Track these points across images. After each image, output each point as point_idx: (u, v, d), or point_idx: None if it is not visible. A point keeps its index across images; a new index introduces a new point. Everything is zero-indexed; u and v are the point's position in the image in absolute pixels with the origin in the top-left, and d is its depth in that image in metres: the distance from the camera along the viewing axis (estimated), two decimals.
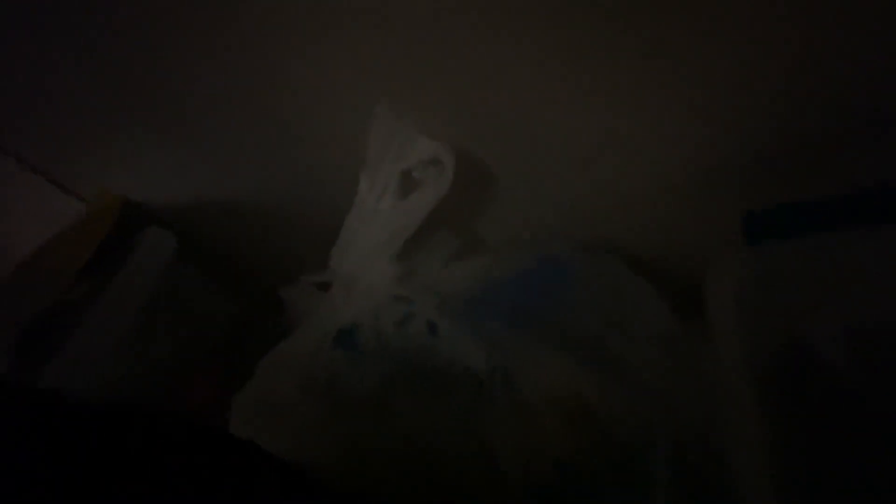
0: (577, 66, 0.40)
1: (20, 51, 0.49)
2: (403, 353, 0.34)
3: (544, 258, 0.41)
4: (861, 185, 0.32)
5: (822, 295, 0.31)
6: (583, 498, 0.29)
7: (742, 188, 0.40)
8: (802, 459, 0.28)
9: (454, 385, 0.32)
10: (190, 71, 0.47)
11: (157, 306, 0.52)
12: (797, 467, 0.27)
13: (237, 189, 0.58)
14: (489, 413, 0.31)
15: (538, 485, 0.29)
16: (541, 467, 0.29)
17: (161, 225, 0.57)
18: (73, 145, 0.57)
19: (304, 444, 0.34)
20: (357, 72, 0.45)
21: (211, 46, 0.46)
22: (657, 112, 0.40)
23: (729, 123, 0.38)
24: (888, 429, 0.27)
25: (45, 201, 0.60)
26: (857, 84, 0.35)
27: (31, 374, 0.44)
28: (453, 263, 0.47)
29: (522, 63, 0.41)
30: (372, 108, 0.43)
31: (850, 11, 0.33)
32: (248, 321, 0.64)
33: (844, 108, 0.36)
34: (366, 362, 0.34)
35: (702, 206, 0.42)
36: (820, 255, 0.32)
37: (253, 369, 0.44)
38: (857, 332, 0.28)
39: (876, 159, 0.35)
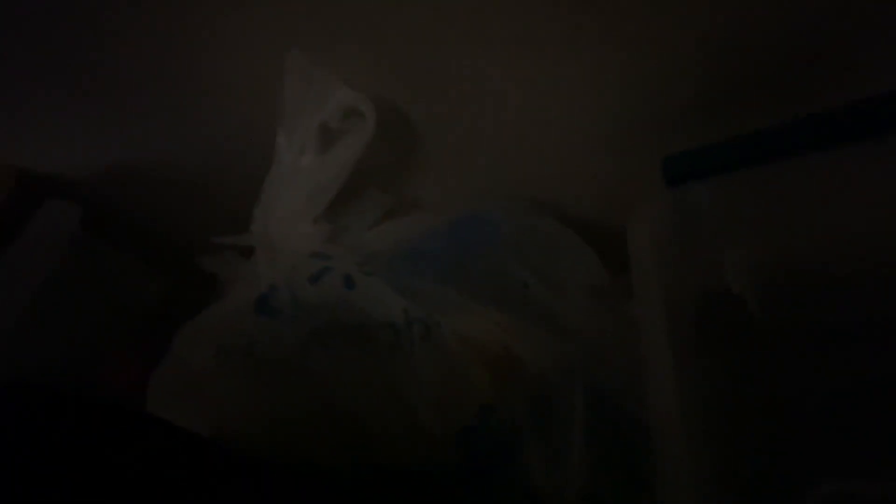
0: (502, 23, 0.39)
1: None
2: (319, 311, 0.33)
3: (472, 214, 0.41)
4: (775, 123, 0.33)
5: (736, 233, 0.31)
6: (504, 441, 0.29)
7: (665, 135, 0.40)
8: (718, 402, 0.29)
9: (371, 339, 0.31)
10: (93, 22, 0.43)
11: (64, 285, 0.48)
12: (712, 408, 0.28)
13: (153, 155, 0.54)
14: (407, 365, 0.30)
15: (460, 431, 0.29)
16: (463, 414, 0.29)
17: (71, 198, 0.52)
18: None
19: (224, 416, 0.32)
20: (274, 23, 0.41)
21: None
22: (580, 65, 0.39)
23: (647, 73, 0.38)
24: (797, 365, 0.29)
25: None
26: (767, 28, 0.36)
27: None
28: (383, 223, 0.46)
29: (447, 17, 0.39)
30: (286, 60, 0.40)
31: None
32: (179, 297, 0.61)
33: (757, 50, 0.36)
34: (282, 324, 0.33)
35: (629, 156, 0.43)
36: (735, 194, 0.33)
37: None
38: (766, 268, 0.29)
39: (789, 98, 0.36)
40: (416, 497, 0.29)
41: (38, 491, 0.25)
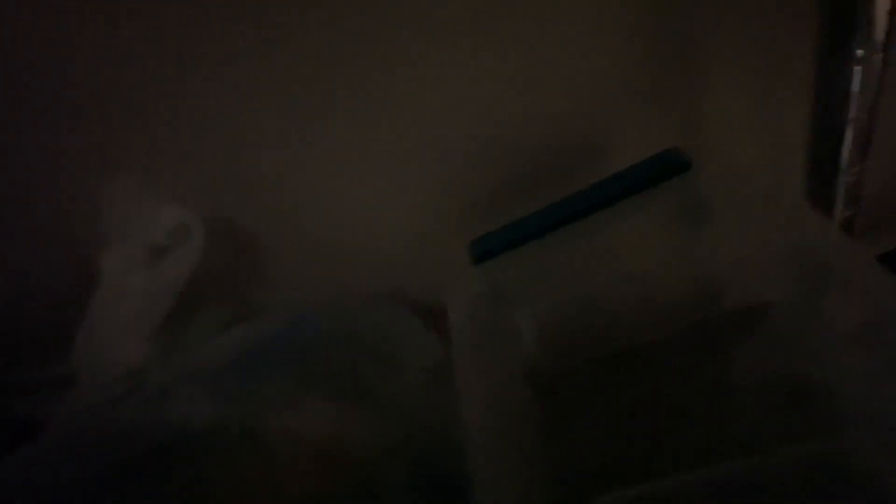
0: (311, 126, 0.43)
1: None
2: (125, 436, 0.31)
3: (308, 313, 0.43)
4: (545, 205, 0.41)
5: (524, 295, 0.37)
6: None
7: (470, 221, 0.47)
8: (528, 443, 0.32)
9: (183, 453, 0.30)
10: None
11: None
12: (522, 451, 0.31)
13: None
14: (222, 472, 0.29)
15: None
16: None
17: None
18: None
19: None
20: (91, 147, 0.43)
21: None
22: (389, 162, 0.46)
23: (445, 170, 0.46)
24: (578, 395, 0.33)
25: None
26: (533, 128, 0.45)
27: None
28: (223, 334, 0.46)
29: (262, 127, 0.43)
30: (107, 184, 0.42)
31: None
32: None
33: (529, 145, 0.45)
34: (85, 459, 0.30)
35: (448, 240, 0.49)
36: (522, 264, 0.39)
37: None
38: (545, 320, 0.35)
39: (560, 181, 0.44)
40: None
41: None
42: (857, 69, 0.40)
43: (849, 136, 0.43)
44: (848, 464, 0.26)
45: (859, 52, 0.39)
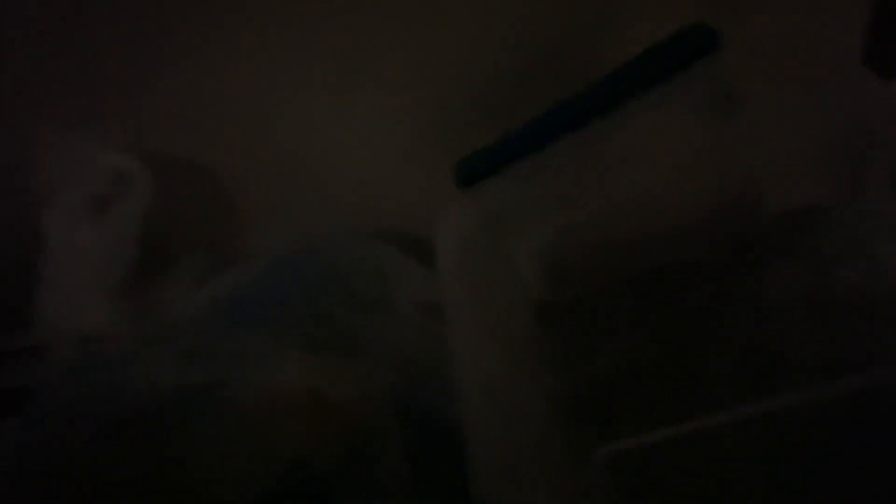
0: (282, 61, 0.38)
1: None
2: (86, 405, 0.28)
3: (285, 256, 0.38)
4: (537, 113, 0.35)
5: (522, 223, 0.32)
6: (315, 494, 0.26)
7: (460, 140, 0.41)
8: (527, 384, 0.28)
9: (142, 422, 0.27)
10: None
11: None
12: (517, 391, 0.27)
13: None
14: (188, 440, 0.27)
15: (259, 498, 0.25)
16: (264, 477, 0.26)
17: None
18: None
19: None
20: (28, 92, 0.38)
21: None
22: (369, 93, 0.40)
23: (428, 81, 0.40)
24: (584, 338, 0.29)
25: None
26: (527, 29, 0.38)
27: None
28: (201, 284, 0.42)
29: (232, 55, 0.38)
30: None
31: None
32: None
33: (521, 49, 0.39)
34: (50, 430, 0.28)
35: (430, 168, 0.43)
36: (517, 186, 0.34)
37: None
38: (548, 250, 0.30)
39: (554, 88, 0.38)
40: None
41: None
42: None
43: None
44: None
45: None
